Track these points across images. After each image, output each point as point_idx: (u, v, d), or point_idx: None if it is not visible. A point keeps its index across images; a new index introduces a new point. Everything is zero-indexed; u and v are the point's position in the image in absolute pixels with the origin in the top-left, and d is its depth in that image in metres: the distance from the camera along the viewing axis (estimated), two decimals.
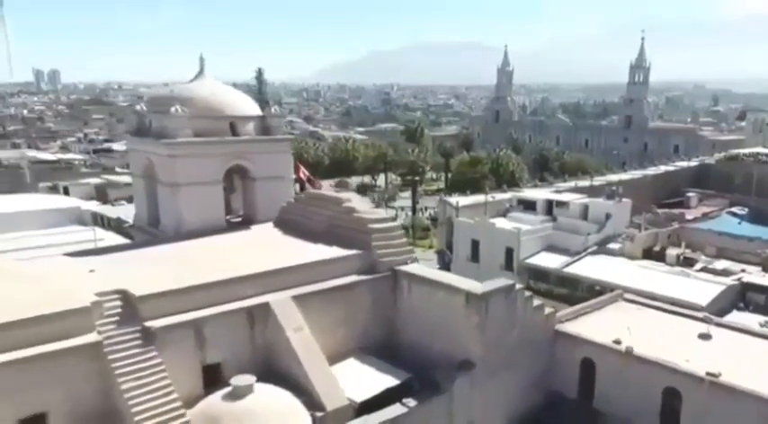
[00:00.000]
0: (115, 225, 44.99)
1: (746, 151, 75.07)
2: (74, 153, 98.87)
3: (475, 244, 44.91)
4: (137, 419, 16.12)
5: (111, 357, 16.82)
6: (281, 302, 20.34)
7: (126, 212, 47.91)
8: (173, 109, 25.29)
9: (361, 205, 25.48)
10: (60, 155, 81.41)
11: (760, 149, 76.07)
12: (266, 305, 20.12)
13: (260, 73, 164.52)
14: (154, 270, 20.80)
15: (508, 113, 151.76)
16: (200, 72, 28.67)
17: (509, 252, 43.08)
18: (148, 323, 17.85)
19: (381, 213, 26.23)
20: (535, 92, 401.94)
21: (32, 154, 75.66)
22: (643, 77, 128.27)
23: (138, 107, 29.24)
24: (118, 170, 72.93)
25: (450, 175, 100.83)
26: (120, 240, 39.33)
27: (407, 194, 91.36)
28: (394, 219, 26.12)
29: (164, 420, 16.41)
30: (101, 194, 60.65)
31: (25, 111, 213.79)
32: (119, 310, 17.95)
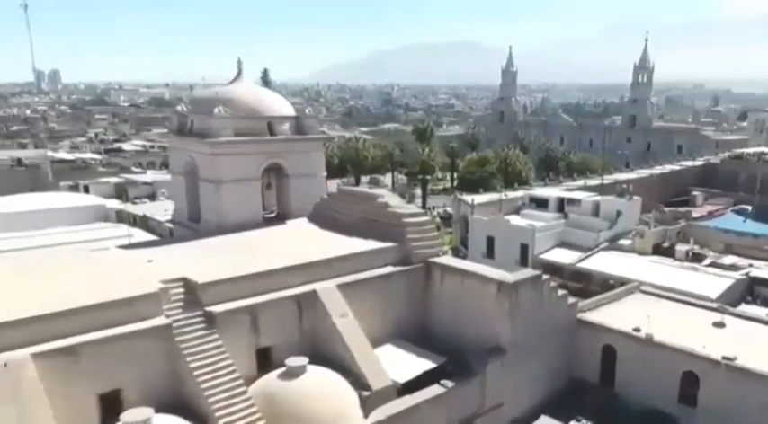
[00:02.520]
0: (141, 222, 46.30)
1: (751, 150, 76.56)
2: (84, 153, 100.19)
3: (490, 241, 46.34)
4: (206, 394, 17.54)
5: (179, 338, 18.25)
6: (327, 290, 21.81)
7: (150, 209, 49.41)
8: (216, 110, 26.74)
9: (394, 200, 26.90)
10: (78, 155, 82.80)
11: (764, 149, 77.55)
12: (313, 293, 21.58)
13: (266, 73, 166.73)
14: (206, 261, 22.15)
15: (512, 113, 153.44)
16: (239, 74, 30.15)
17: (524, 248, 44.49)
18: (209, 308, 19.28)
19: (414, 208, 27.67)
20: (535, 92, 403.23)
21: (50, 153, 77.00)
22: (646, 78, 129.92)
23: (179, 108, 30.68)
24: (134, 169, 74.26)
25: (456, 174, 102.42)
26: (147, 236, 40.82)
27: (414, 193, 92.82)
28: (426, 213, 27.43)
29: (230, 396, 17.82)
30: (120, 192, 61.97)
31: (28, 111, 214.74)
32: (182, 296, 19.38)
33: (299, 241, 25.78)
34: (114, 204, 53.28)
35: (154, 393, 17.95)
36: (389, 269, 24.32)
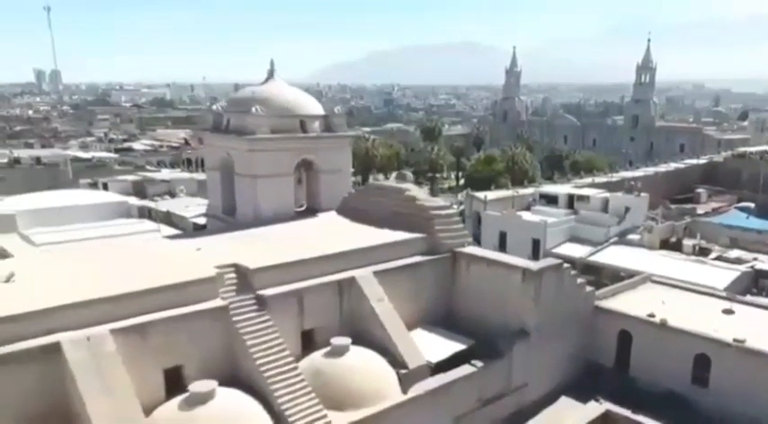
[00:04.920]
0: (164, 218, 47.77)
1: (753, 149, 78.16)
2: (95, 152, 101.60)
3: (502, 236, 47.89)
4: (262, 370, 19.07)
5: (235, 318, 19.78)
6: (364, 276, 23.36)
7: (172, 206, 50.94)
8: (253, 109, 28.31)
9: (421, 194, 28.45)
10: (94, 154, 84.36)
11: (767, 147, 79.16)
12: (352, 279, 23.12)
13: (271, 74, 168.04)
14: (249, 249, 23.57)
15: (516, 113, 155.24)
16: (271, 75, 31.78)
17: (535, 243, 46.04)
18: (261, 292, 20.81)
19: (440, 201, 29.21)
20: (535, 92, 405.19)
21: (68, 152, 78.58)
22: (649, 78, 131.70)
23: (214, 107, 32.20)
24: (149, 167, 75.73)
25: (461, 173, 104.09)
26: (172, 231, 42.40)
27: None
28: (451, 207, 29.00)
29: (282, 371, 19.34)
30: (138, 190, 63.30)
31: (30, 112, 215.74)
32: (235, 280, 20.91)
33: (333, 232, 27.31)
34: (135, 201, 54.88)
35: (210, 370, 19.35)
36: (419, 258, 25.81)
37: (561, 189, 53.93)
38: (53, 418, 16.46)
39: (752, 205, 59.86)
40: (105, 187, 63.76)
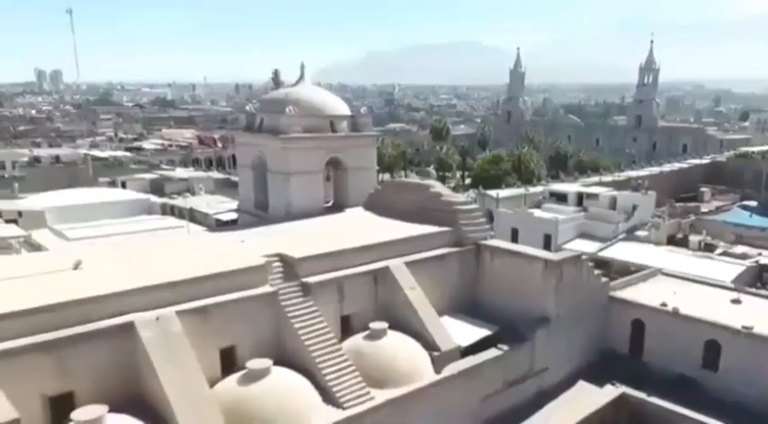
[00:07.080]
0: (188, 215, 49.44)
1: (756, 149, 79.85)
2: (108, 151, 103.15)
3: (514, 232, 49.48)
4: (310, 350, 20.68)
5: (283, 303, 21.39)
6: (397, 266, 24.96)
7: (195, 203, 52.61)
8: (287, 109, 29.91)
9: (445, 190, 30.06)
10: (110, 153, 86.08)
11: None
12: (386, 268, 24.72)
13: (276, 74, 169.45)
14: (289, 241, 25.14)
15: (520, 113, 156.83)
16: (301, 77, 33.37)
17: (547, 239, 47.67)
18: (305, 280, 22.41)
19: (463, 197, 30.80)
20: (535, 92, 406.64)
21: (83, 151, 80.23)
22: (652, 79, 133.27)
23: (247, 107, 33.79)
24: (164, 166, 77.39)
25: (467, 173, 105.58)
26: (197, 227, 44.11)
27: None
28: (474, 202, 30.58)
29: (328, 352, 20.95)
30: (155, 188, 64.92)
31: (33, 111, 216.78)
32: (281, 269, 22.50)
33: (363, 225, 28.92)
34: (155, 198, 56.61)
35: (260, 350, 20.93)
36: (445, 250, 27.42)
37: (570, 187, 55.64)
38: (124, 388, 18.05)
39: (754, 203, 61.50)
40: (123, 185, 65.48)
